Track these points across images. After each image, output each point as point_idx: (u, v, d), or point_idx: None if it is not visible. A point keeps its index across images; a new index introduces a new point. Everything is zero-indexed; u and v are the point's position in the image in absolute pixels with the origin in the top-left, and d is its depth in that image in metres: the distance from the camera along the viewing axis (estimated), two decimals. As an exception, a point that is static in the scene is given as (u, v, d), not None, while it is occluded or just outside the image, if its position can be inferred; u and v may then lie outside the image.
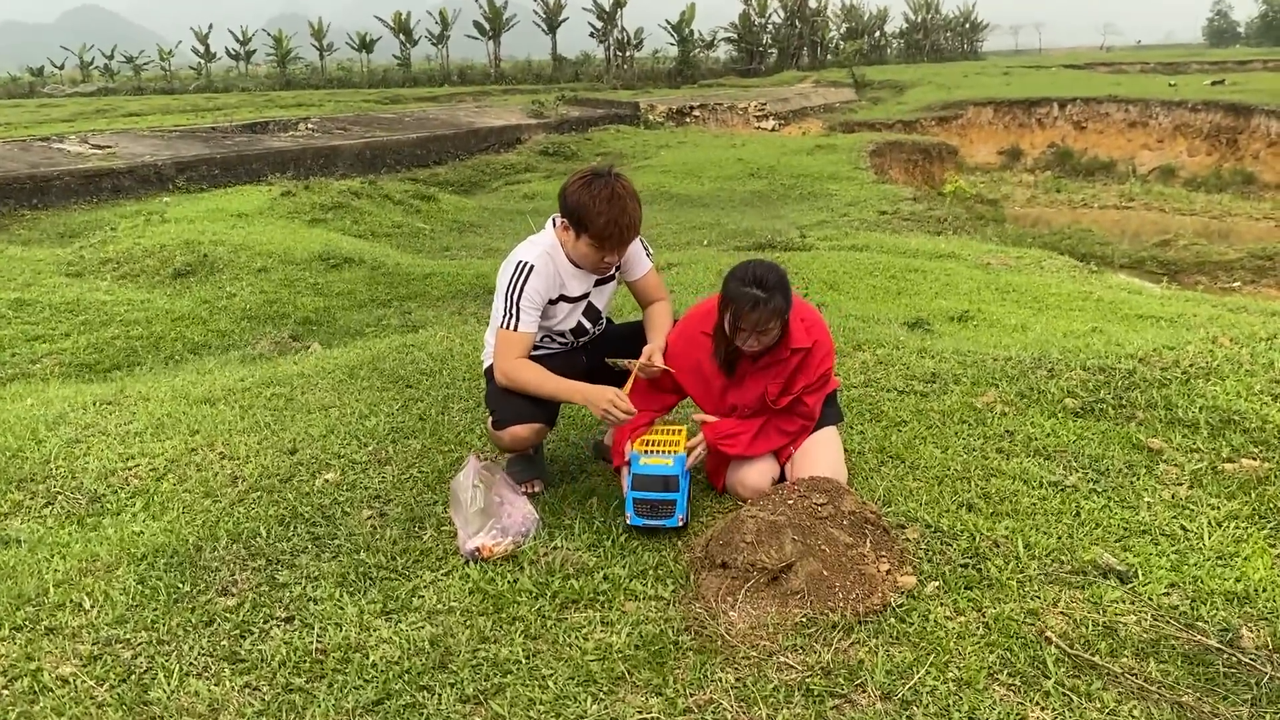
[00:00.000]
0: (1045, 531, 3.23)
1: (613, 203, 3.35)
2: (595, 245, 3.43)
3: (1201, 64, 52.19)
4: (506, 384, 3.48)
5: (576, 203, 3.39)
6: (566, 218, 3.45)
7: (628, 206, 3.39)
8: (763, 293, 3.22)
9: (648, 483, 3.22)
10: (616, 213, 3.36)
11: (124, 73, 69.10)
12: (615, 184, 3.39)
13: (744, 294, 3.24)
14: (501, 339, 3.50)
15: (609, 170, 3.45)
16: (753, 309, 3.22)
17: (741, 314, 3.25)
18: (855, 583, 2.86)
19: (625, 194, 3.39)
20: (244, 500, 3.72)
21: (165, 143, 19.40)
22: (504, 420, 3.49)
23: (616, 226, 3.37)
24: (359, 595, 3.00)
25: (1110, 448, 3.84)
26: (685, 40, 61.39)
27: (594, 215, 3.36)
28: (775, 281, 3.25)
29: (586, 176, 3.43)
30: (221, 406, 4.87)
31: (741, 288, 3.25)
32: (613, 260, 3.53)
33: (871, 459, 3.87)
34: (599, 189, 3.36)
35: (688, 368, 3.56)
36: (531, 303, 3.47)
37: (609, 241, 3.41)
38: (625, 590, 2.95)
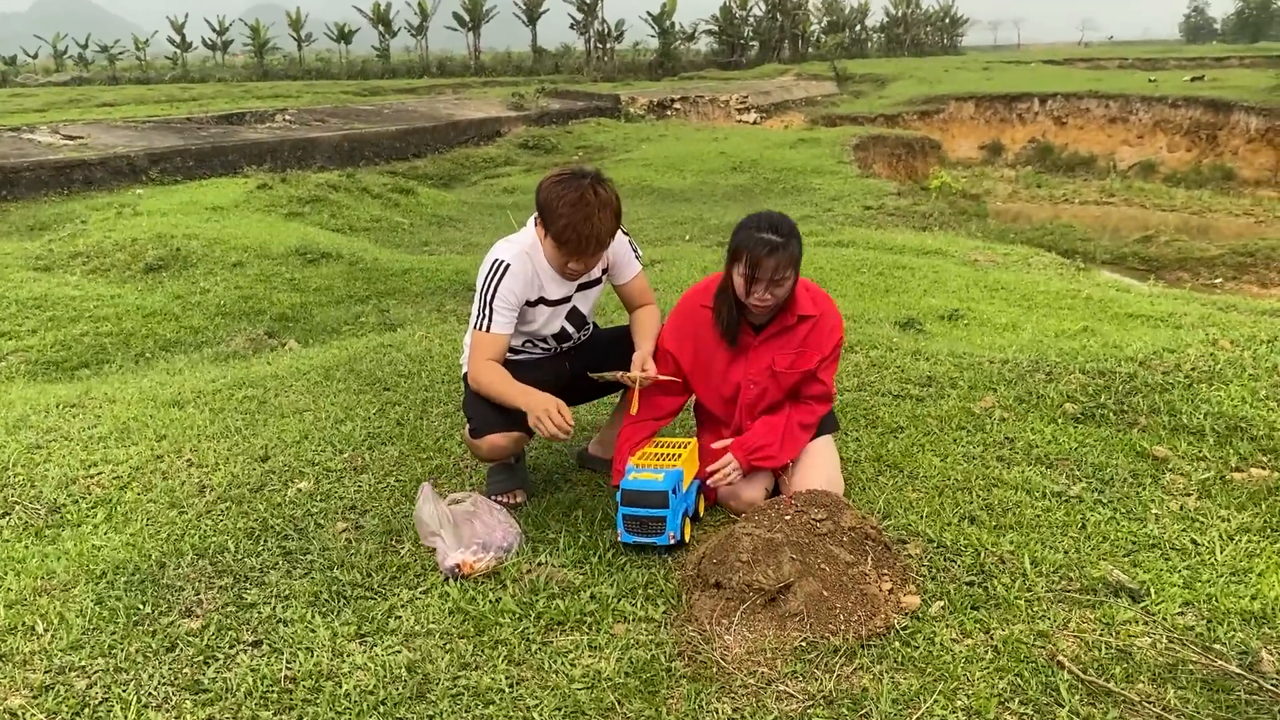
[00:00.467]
0: (1051, 546, 3.10)
1: (577, 208, 3.15)
2: (557, 247, 3.25)
3: (1179, 60, 52.35)
4: (475, 386, 3.33)
5: (544, 199, 3.22)
6: (538, 213, 3.29)
7: (593, 216, 3.17)
8: (778, 237, 3.11)
9: (637, 498, 3.06)
10: (578, 219, 3.15)
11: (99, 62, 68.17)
12: (589, 189, 3.18)
13: (759, 240, 3.11)
14: (474, 341, 3.35)
15: (591, 173, 3.26)
16: (769, 254, 3.09)
17: (758, 260, 3.10)
18: (857, 604, 2.71)
19: (595, 202, 3.17)
20: (211, 511, 3.54)
21: (139, 134, 19.07)
22: (481, 428, 3.33)
23: (575, 233, 3.17)
24: (332, 616, 2.83)
25: (1114, 455, 3.72)
26: (666, 32, 61.14)
27: (555, 216, 3.18)
28: (789, 228, 3.16)
29: (564, 175, 3.25)
30: (191, 410, 4.69)
31: (756, 234, 3.13)
32: (577, 268, 3.32)
33: (868, 468, 3.73)
34: (568, 189, 3.17)
35: (687, 348, 3.43)
36: (506, 304, 3.30)
37: (567, 247, 3.22)
38: (614, 611, 2.79)
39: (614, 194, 3.24)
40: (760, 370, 3.38)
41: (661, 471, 3.12)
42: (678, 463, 3.22)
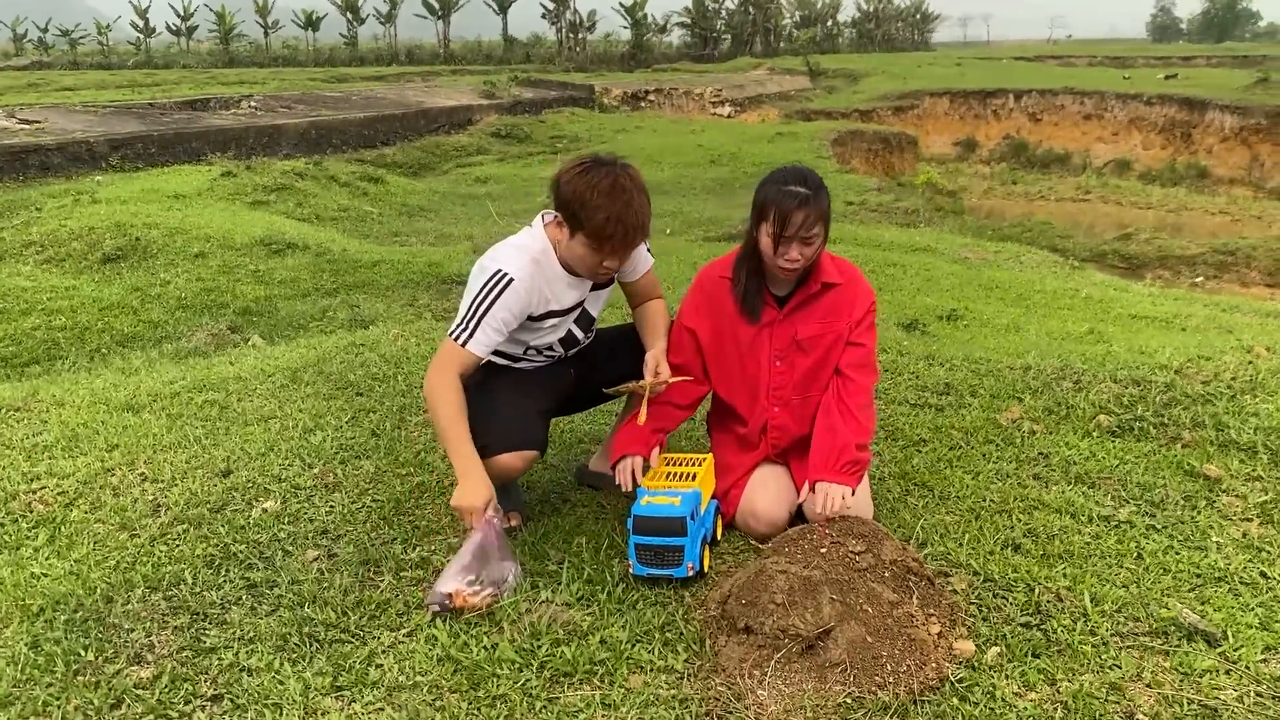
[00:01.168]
0: (1108, 580, 2.79)
1: (615, 195, 2.80)
2: (592, 246, 2.87)
3: (1148, 58, 52.66)
4: (426, 397, 2.91)
5: (572, 193, 2.83)
6: (560, 211, 2.90)
7: (634, 201, 2.83)
8: (807, 189, 2.85)
9: (652, 525, 2.72)
10: (620, 208, 2.80)
11: (59, 46, 66.74)
12: (620, 174, 2.84)
13: (788, 193, 2.85)
14: (444, 349, 2.93)
15: (612, 158, 2.92)
16: (799, 206, 2.82)
17: (788, 215, 2.83)
18: (905, 651, 2.38)
19: (632, 186, 2.84)
20: (166, 535, 3.15)
21: (99, 119, 18.45)
22: (492, 446, 2.92)
23: (620, 224, 2.81)
24: (303, 664, 2.46)
25: (1160, 474, 3.41)
26: (639, 24, 60.81)
27: (591, 209, 2.80)
28: (817, 181, 2.92)
29: (586, 163, 2.88)
30: (146, 415, 4.28)
31: (783, 187, 2.87)
32: (613, 265, 2.96)
33: (894, 486, 3.41)
34: (599, 178, 2.81)
35: (706, 325, 3.13)
36: (496, 325, 2.90)
37: (609, 242, 2.84)
38: (628, 660, 2.45)
39: (640, 176, 2.91)
40: (785, 344, 3.08)
41: (678, 494, 2.78)
42: (694, 483, 2.88)
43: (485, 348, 2.91)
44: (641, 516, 2.73)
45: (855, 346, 3.10)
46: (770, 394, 3.12)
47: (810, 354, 3.08)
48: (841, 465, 2.95)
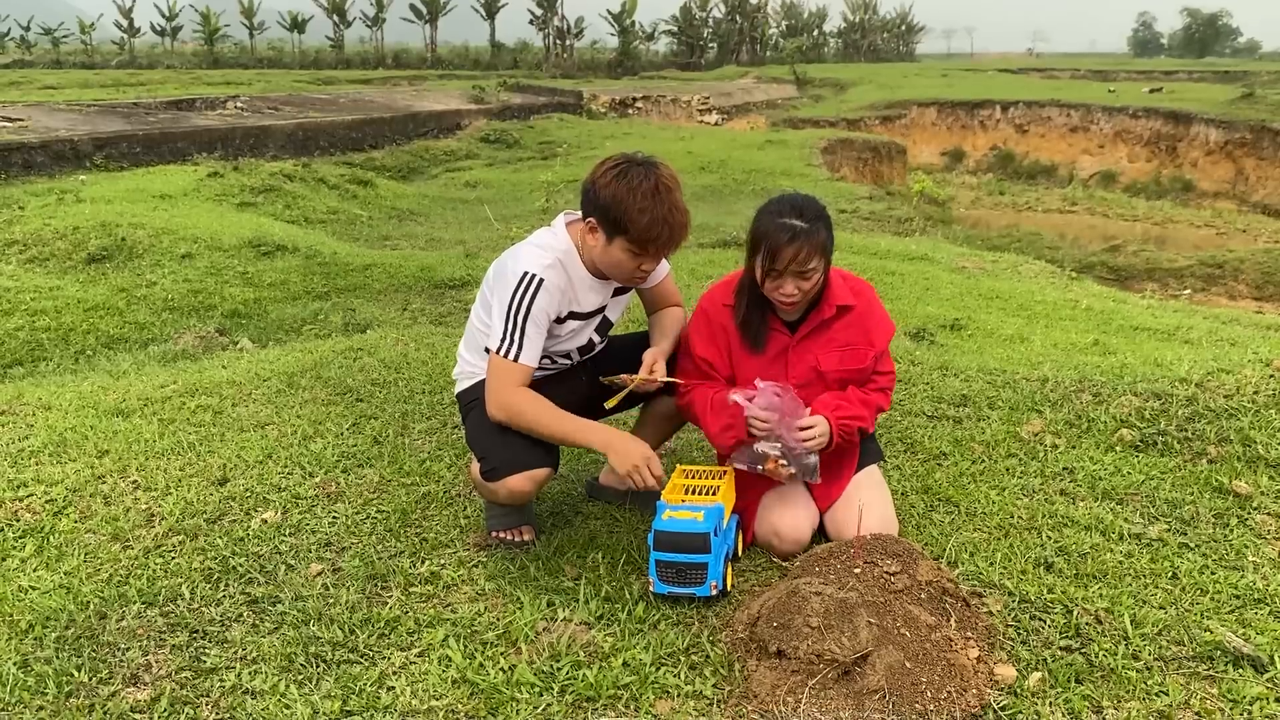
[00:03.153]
0: (1146, 600, 2.69)
1: (659, 198, 2.69)
2: (634, 251, 2.77)
3: (1130, 72, 52.91)
4: (504, 419, 2.79)
5: (611, 198, 2.71)
6: (596, 216, 2.78)
7: (678, 201, 2.75)
8: (803, 222, 2.69)
9: (673, 541, 2.60)
10: (665, 210, 2.70)
11: (42, 45, 66.13)
12: (658, 175, 2.74)
13: (780, 225, 2.69)
14: (497, 369, 2.81)
15: (646, 158, 2.80)
16: (791, 241, 2.67)
17: (778, 250, 2.68)
18: (945, 677, 2.27)
19: (672, 185, 2.75)
20: (161, 547, 3.01)
21: (83, 117, 18.21)
22: (499, 469, 2.80)
23: (666, 226, 2.71)
24: (310, 687, 2.33)
25: (1188, 491, 3.32)
26: (626, 31, 60.76)
27: (635, 213, 2.69)
28: (815, 211, 2.74)
29: (621, 164, 2.76)
30: (137, 420, 4.14)
31: (777, 219, 2.71)
32: (650, 268, 2.87)
33: (917, 502, 3.30)
34: (639, 180, 2.70)
35: (720, 353, 2.98)
36: (538, 327, 2.80)
37: (654, 245, 2.75)
38: (653, 685, 2.33)
39: (675, 173, 2.81)
40: (804, 373, 2.94)
41: (700, 509, 2.65)
42: (716, 497, 2.76)
43: (534, 354, 2.82)
44: (663, 532, 2.61)
45: (881, 375, 3.03)
46: None
47: (832, 386, 2.95)
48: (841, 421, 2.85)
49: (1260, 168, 27.42)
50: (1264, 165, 27.39)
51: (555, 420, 2.76)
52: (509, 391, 2.78)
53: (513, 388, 2.78)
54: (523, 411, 2.76)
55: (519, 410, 2.76)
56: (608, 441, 2.73)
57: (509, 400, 2.77)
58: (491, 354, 2.81)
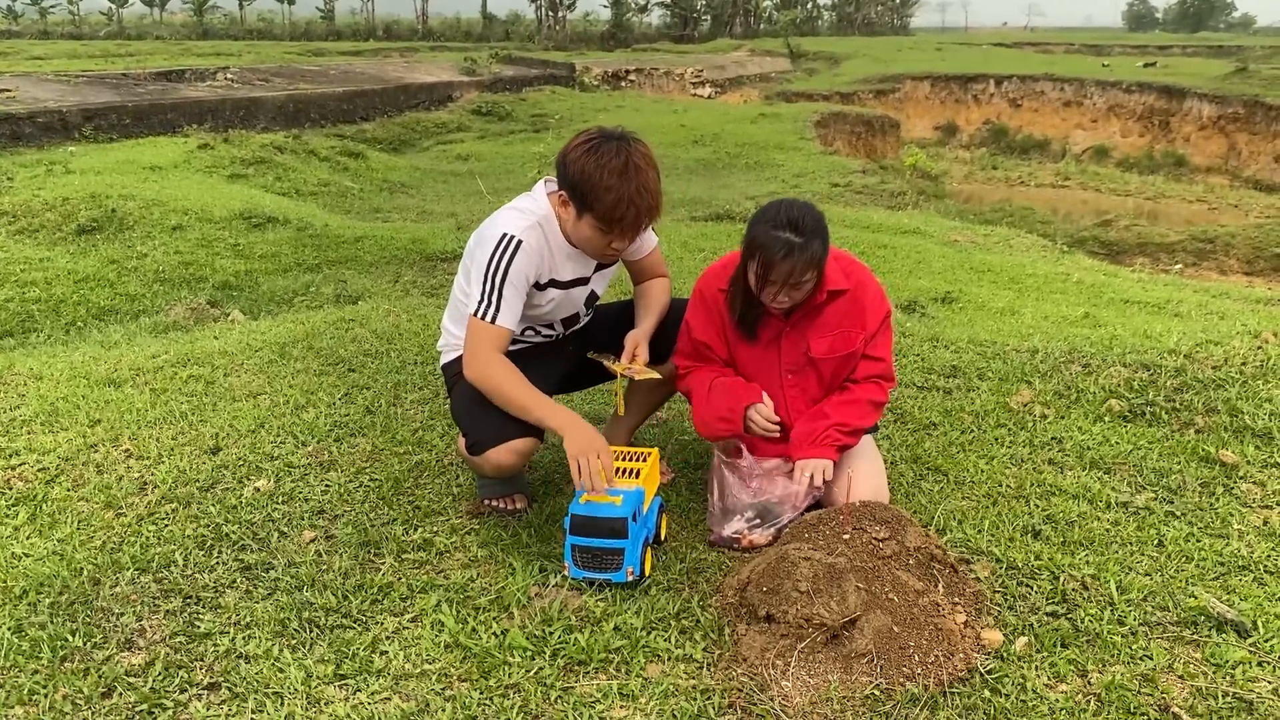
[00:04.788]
0: (1132, 568, 2.72)
1: (627, 175, 2.64)
2: (601, 228, 2.72)
3: (1125, 47, 52.82)
4: (477, 383, 2.76)
5: (580, 173, 2.67)
6: (566, 190, 2.74)
7: (648, 181, 2.68)
8: (798, 237, 2.64)
9: (589, 525, 2.55)
10: (632, 190, 2.64)
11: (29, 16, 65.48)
12: (631, 151, 2.68)
13: (774, 239, 2.65)
14: (475, 331, 2.78)
15: (620, 131, 2.76)
16: (785, 257, 2.64)
17: (771, 263, 2.65)
18: (932, 641, 2.30)
19: (644, 164, 2.68)
20: (154, 514, 3.02)
21: (72, 88, 18.06)
22: (482, 443, 2.78)
23: (631, 207, 2.66)
24: (304, 651, 2.35)
25: (1175, 460, 3.35)
26: (619, 3, 60.46)
27: (601, 190, 2.64)
28: (812, 225, 2.67)
29: (594, 139, 2.71)
30: (129, 389, 4.14)
31: (771, 231, 2.66)
32: (621, 246, 2.83)
33: (907, 471, 3.32)
34: (609, 156, 2.65)
35: (714, 337, 2.98)
36: (516, 289, 2.76)
37: (620, 225, 2.70)
38: (644, 648, 2.35)
39: (651, 151, 2.77)
40: (796, 358, 2.94)
41: (619, 493, 2.60)
42: (638, 480, 2.70)
43: (514, 318, 2.79)
44: (579, 516, 2.57)
45: (871, 360, 2.97)
46: (787, 406, 3.00)
47: (824, 370, 2.95)
48: (818, 438, 2.87)
49: (1253, 143, 27.45)
50: (1256, 140, 27.42)
51: (523, 394, 2.70)
52: (485, 354, 2.74)
53: (489, 351, 2.75)
54: (494, 377, 2.72)
55: (491, 376, 2.73)
56: (568, 424, 2.65)
57: (484, 364, 2.74)
58: (470, 316, 2.79)
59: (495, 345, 2.76)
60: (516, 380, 2.73)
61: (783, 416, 2.99)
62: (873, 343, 2.97)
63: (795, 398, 2.99)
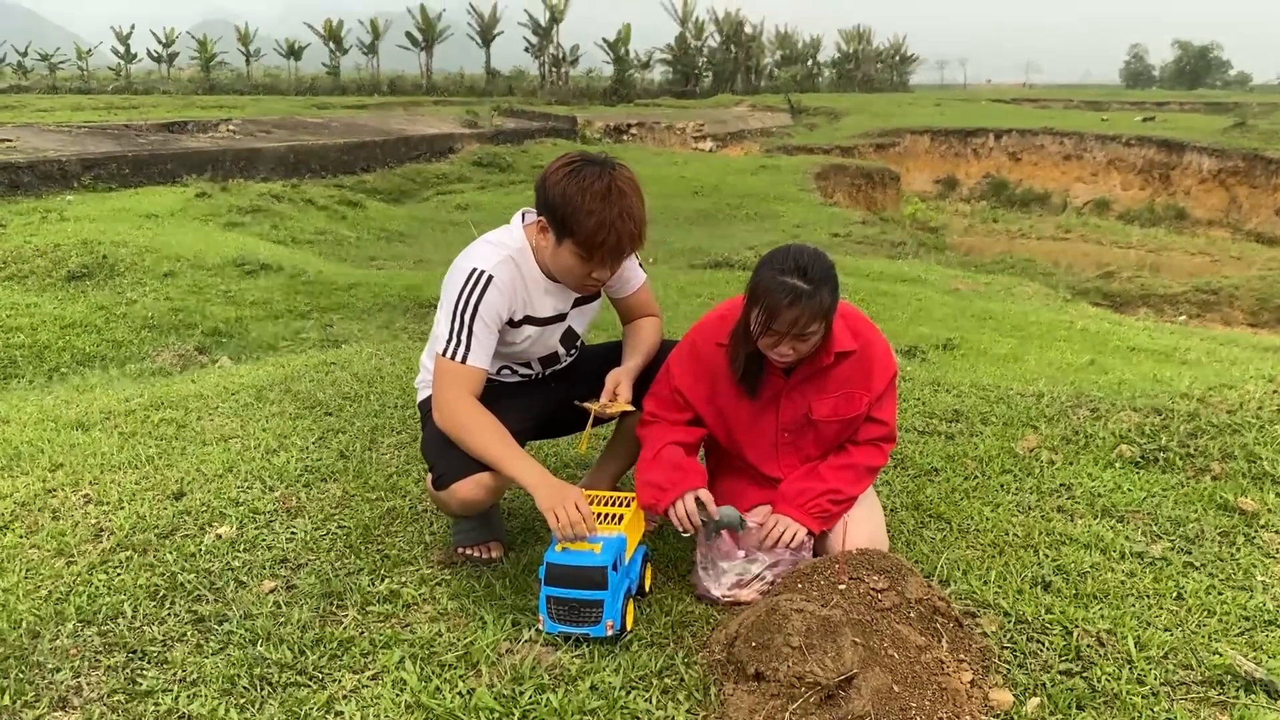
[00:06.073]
0: (1150, 622, 2.53)
1: (610, 199, 2.50)
2: (582, 256, 2.56)
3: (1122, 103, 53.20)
4: (447, 429, 2.60)
5: (560, 196, 2.52)
6: (545, 215, 2.59)
7: (632, 207, 2.53)
8: (806, 284, 2.45)
9: (566, 575, 2.36)
10: (614, 215, 2.50)
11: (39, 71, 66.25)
12: (614, 175, 2.54)
13: (781, 285, 2.45)
14: (443, 372, 2.62)
15: (605, 157, 2.61)
16: (791, 304, 2.44)
17: (777, 311, 2.46)
18: (936, 702, 2.10)
19: (628, 189, 2.54)
20: (107, 562, 2.84)
21: (72, 138, 18.11)
22: (448, 475, 2.60)
23: (613, 232, 2.51)
24: (252, 711, 2.16)
25: (1192, 508, 3.17)
26: (621, 59, 61.08)
27: (582, 214, 2.50)
28: (822, 273, 2.48)
29: (575, 161, 2.57)
30: (97, 433, 3.97)
31: (779, 277, 2.47)
32: (602, 276, 2.66)
33: (908, 519, 3.14)
34: (591, 179, 2.51)
35: (702, 391, 2.76)
36: (487, 327, 2.61)
37: (601, 251, 2.54)
38: (623, 709, 2.16)
39: (635, 177, 2.62)
40: (795, 418, 2.75)
41: (598, 540, 2.41)
42: (620, 526, 2.51)
43: (485, 356, 2.62)
44: (555, 565, 2.37)
45: (875, 423, 2.79)
46: (781, 463, 2.82)
47: (824, 433, 2.77)
48: (809, 504, 2.68)
49: (1253, 196, 27.48)
50: (1256, 194, 27.45)
51: (494, 442, 2.53)
52: (454, 397, 2.58)
53: (459, 393, 2.58)
54: (463, 423, 2.56)
55: (459, 421, 2.56)
56: (538, 482, 2.48)
57: (453, 408, 2.57)
58: (437, 356, 2.63)
59: (465, 387, 2.60)
60: (487, 427, 2.56)
61: (770, 469, 2.82)
62: (878, 404, 2.78)
63: (789, 457, 2.82)
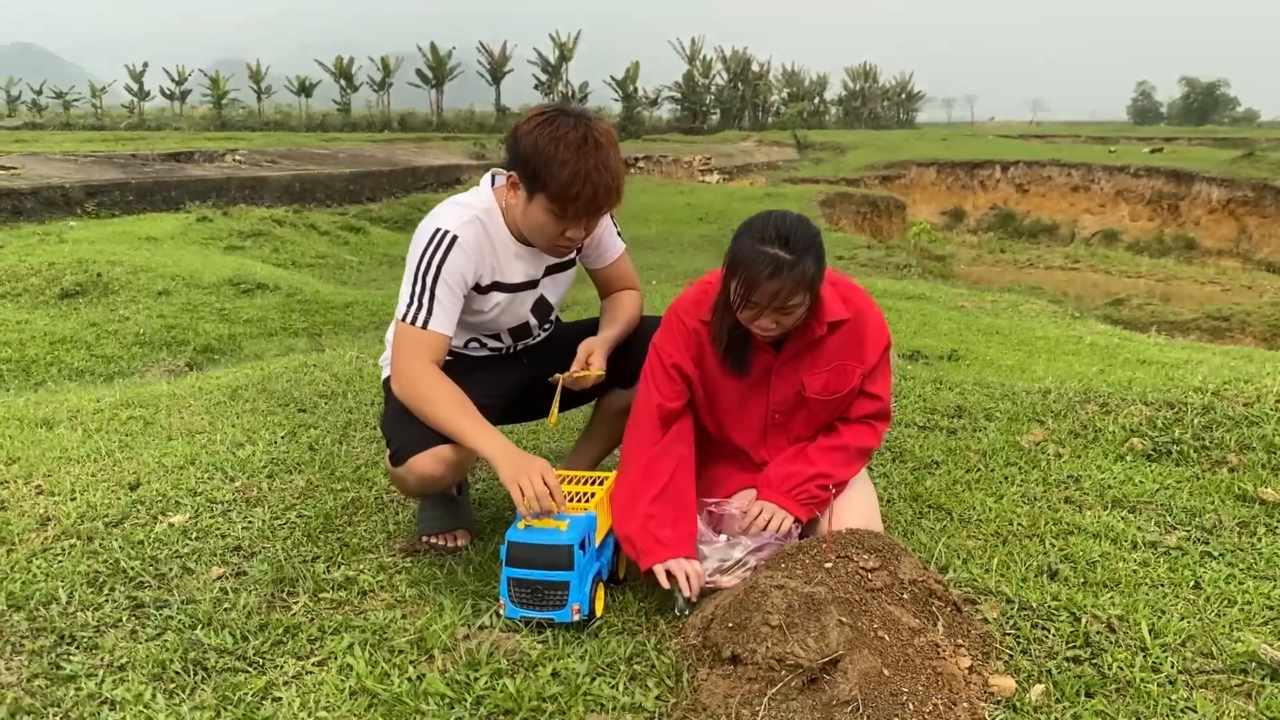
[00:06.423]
0: (1165, 610, 2.33)
1: (585, 150, 2.33)
2: (554, 210, 2.39)
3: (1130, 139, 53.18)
4: (405, 398, 2.43)
5: (532, 147, 2.36)
6: (516, 169, 2.43)
7: (608, 159, 2.37)
8: (787, 254, 2.26)
9: (527, 555, 2.18)
10: (589, 166, 2.33)
11: (53, 109, 66.89)
12: (590, 126, 2.38)
13: (761, 255, 2.26)
14: (402, 337, 2.45)
15: (580, 108, 2.46)
16: (771, 276, 2.25)
17: (756, 283, 2.27)
18: (930, 687, 1.91)
19: (604, 141, 2.37)
20: (49, 550, 2.66)
21: (78, 166, 18.14)
22: (406, 448, 2.42)
23: (589, 184, 2.34)
24: (181, 697, 1.98)
25: (1208, 499, 2.98)
26: (629, 97, 61.45)
27: (555, 165, 2.33)
28: (805, 241, 2.29)
29: (549, 114, 2.41)
30: (61, 430, 3.81)
31: (758, 246, 2.28)
32: (577, 236, 2.49)
33: (905, 509, 2.95)
34: (565, 129, 2.34)
35: (688, 361, 2.57)
36: (450, 290, 2.44)
37: (575, 205, 2.37)
38: (586, 696, 1.97)
39: (613, 130, 2.46)
40: (787, 397, 2.56)
41: (565, 518, 2.23)
42: (589, 505, 2.33)
43: (449, 323, 2.45)
44: (517, 544, 2.19)
45: (868, 398, 2.61)
46: (769, 445, 2.65)
47: (816, 412, 2.59)
48: (795, 490, 2.50)
49: (1263, 225, 27.30)
50: (1267, 223, 27.27)
51: (454, 412, 2.35)
52: (412, 364, 2.41)
53: (417, 360, 2.41)
54: (424, 394, 2.38)
55: (421, 391, 2.39)
56: (502, 453, 2.30)
57: (414, 377, 2.40)
58: (397, 322, 2.46)
59: (426, 354, 2.43)
60: (447, 395, 2.38)
61: (763, 453, 2.64)
62: (871, 378, 2.60)
63: (777, 438, 2.63)
